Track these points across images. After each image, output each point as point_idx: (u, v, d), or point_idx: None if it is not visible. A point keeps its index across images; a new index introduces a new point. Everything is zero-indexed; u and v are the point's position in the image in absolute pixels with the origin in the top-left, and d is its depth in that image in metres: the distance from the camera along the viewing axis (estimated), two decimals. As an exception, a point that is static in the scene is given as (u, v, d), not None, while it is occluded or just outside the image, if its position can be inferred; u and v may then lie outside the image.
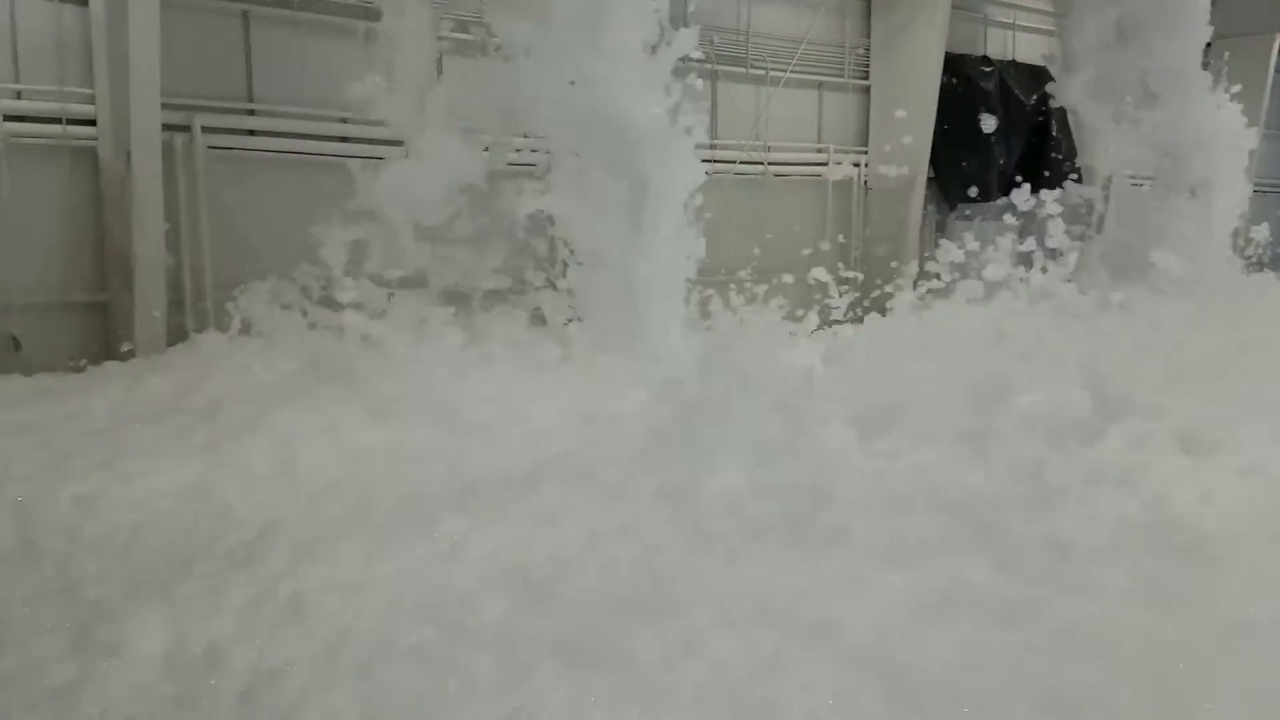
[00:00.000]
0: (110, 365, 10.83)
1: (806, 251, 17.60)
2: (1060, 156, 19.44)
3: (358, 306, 11.93)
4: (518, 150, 12.57)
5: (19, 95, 11.85)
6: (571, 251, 11.61)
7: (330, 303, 12.58)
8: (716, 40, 16.65)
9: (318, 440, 7.35)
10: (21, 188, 11.85)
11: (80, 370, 10.95)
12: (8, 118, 11.74)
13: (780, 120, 17.72)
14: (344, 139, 13.56)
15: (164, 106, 12.02)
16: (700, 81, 11.79)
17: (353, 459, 6.91)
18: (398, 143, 12.45)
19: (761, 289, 15.10)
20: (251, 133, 13.25)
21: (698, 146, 11.93)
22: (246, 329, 11.44)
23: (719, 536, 5.77)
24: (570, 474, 6.68)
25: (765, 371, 7.56)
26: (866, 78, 18.58)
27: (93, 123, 12.22)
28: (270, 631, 5.32)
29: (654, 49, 11.37)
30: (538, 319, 10.91)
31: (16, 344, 11.90)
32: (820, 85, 18.21)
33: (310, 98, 13.54)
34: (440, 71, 13.94)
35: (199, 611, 5.44)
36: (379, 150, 12.71)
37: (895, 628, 5.23)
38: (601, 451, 7.04)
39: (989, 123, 18.51)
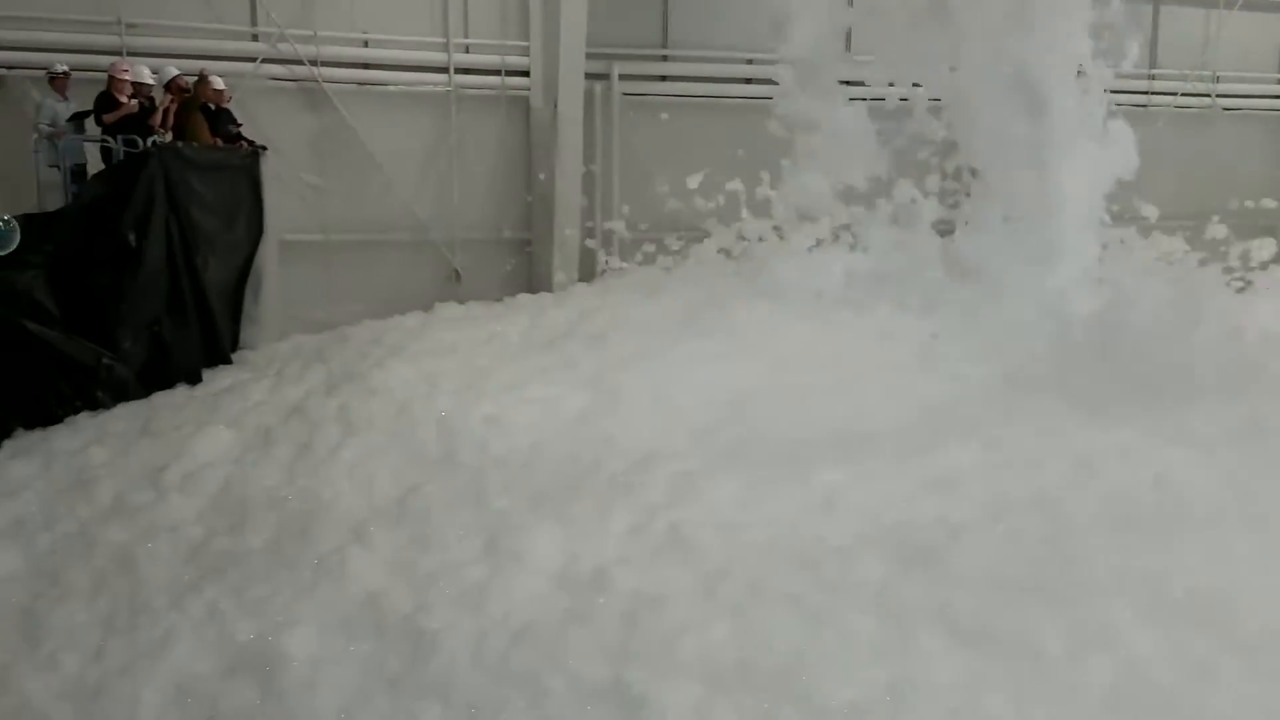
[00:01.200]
0: (523, 297, 11.51)
1: (1262, 199, 15.08)
2: None
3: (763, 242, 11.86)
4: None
5: (467, 49, 12.83)
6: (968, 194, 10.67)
7: (733, 240, 12.62)
8: (1163, -43, 14.55)
9: (700, 376, 7.23)
10: (465, 135, 12.87)
11: (499, 300, 11.76)
12: (458, 70, 12.78)
13: (1233, 47, 15.15)
14: (749, 80, 13.40)
15: (587, 56, 12.52)
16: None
17: (733, 399, 6.71)
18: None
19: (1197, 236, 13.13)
20: (663, 78, 13.48)
21: (1131, 77, 10.47)
22: (649, 265, 11.74)
23: (1147, 519, 4.88)
24: (975, 432, 6.00)
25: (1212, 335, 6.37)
26: (1349, -5, 15.41)
27: (526, 74, 13.00)
28: (651, 559, 5.30)
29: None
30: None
31: (458, 276, 13.09)
32: (1288, 6, 15.38)
33: (720, 42, 13.52)
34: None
35: (587, 531, 5.55)
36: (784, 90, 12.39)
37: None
38: (1011, 408, 6.30)
39: None
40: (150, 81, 10.01)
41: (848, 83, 11.50)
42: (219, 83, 10.93)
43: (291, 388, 8.18)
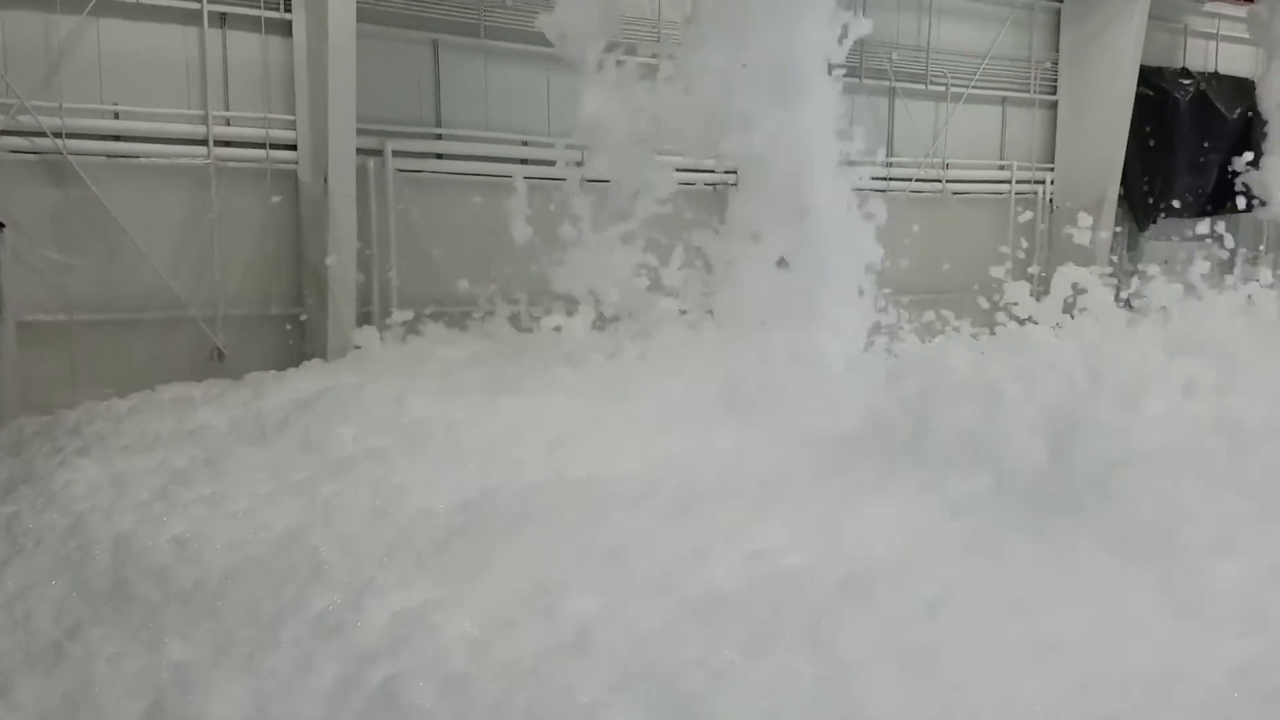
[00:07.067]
0: (252, 375, 9.74)
1: (988, 271, 15.26)
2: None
3: (535, 319, 10.72)
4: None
5: (228, 122, 11.11)
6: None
7: (509, 317, 11.39)
8: (895, 57, 14.48)
9: (435, 474, 5.55)
10: (229, 208, 11.11)
11: (240, 379, 9.98)
12: (218, 142, 11.06)
13: (961, 137, 15.30)
14: (525, 161, 12.29)
15: (359, 131, 11.09)
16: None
17: (471, 506, 5.04)
18: (577, 164, 11.11)
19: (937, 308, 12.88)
20: (439, 156, 12.18)
21: (871, 163, 10.07)
22: (419, 342, 10.26)
23: (935, 651, 3.65)
24: (735, 533, 4.62)
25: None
26: (1054, 93, 15.83)
27: (293, 147, 11.39)
28: (358, 729, 3.77)
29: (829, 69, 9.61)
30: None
31: (220, 354, 11.19)
32: (1004, 101, 15.61)
33: (495, 122, 12.39)
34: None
35: (283, 689, 3.93)
36: (558, 172, 11.45)
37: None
38: (775, 496, 5.11)
39: (1185, 138, 15.55)
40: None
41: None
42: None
43: (-33, 492, 6.14)
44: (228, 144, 11.08)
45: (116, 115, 10.66)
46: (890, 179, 14.61)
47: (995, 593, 3.87)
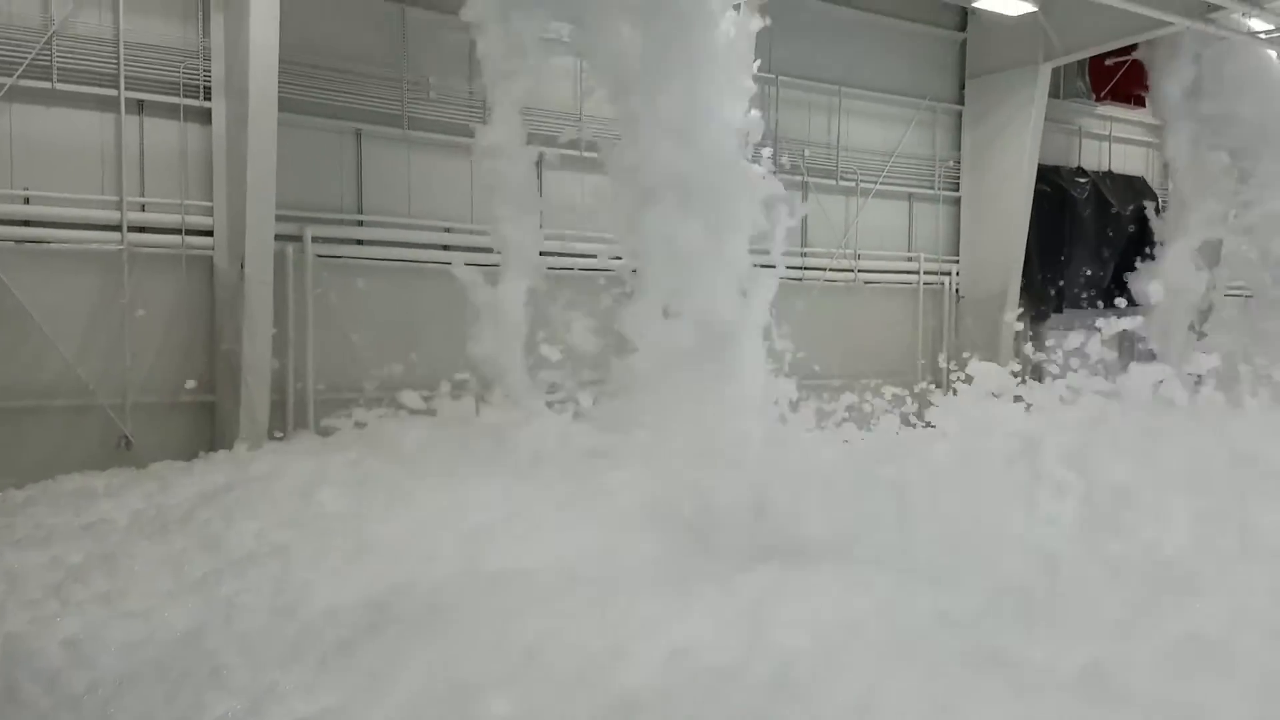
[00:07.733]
0: (157, 466, 9.40)
1: (896, 358, 15.75)
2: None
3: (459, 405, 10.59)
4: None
5: (143, 208, 10.91)
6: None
7: (425, 404, 11.22)
8: (808, 153, 15.07)
9: (347, 571, 5.27)
10: (142, 294, 10.83)
11: (143, 468, 9.61)
12: (132, 228, 10.83)
13: (871, 230, 15.92)
14: (446, 248, 12.32)
15: (278, 218, 10.94)
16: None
17: (379, 603, 4.75)
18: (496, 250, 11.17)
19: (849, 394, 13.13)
20: (360, 242, 12.12)
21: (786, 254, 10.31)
22: (336, 431, 10.00)
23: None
24: (655, 630, 4.61)
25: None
26: (957, 189, 16.65)
27: (210, 233, 11.22)
28: None
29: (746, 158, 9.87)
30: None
31: (128, 442, 10.75)
32: (910, 196, 16.35)
33: (416, 209, 12.43)
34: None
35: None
36: (479, 258, 11.49)
37: None
38: (682, 588, 5.03)
39: (1082, 233, 16.44)
40: None
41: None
42: None
43: None
44: (143, 229, 10.89)
45: (27, 200, 10.41)
46: (805, 268, 15.08)
47: (922, 691, 3.86)
